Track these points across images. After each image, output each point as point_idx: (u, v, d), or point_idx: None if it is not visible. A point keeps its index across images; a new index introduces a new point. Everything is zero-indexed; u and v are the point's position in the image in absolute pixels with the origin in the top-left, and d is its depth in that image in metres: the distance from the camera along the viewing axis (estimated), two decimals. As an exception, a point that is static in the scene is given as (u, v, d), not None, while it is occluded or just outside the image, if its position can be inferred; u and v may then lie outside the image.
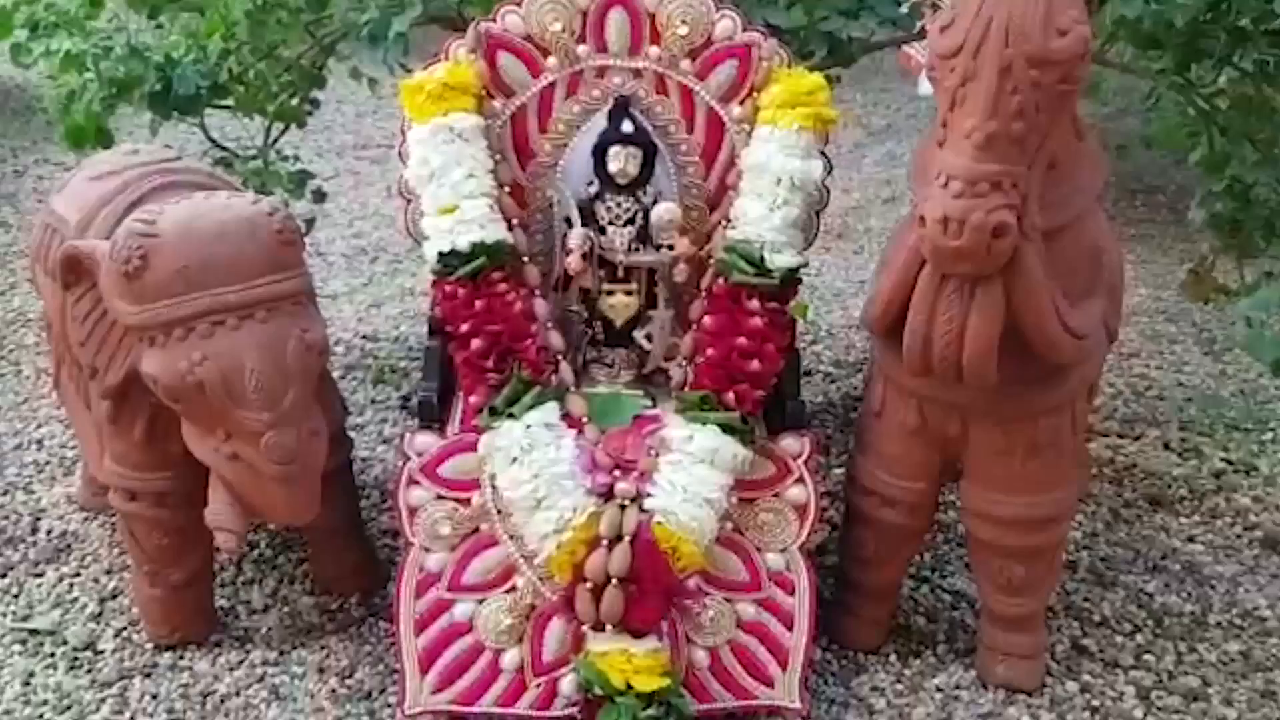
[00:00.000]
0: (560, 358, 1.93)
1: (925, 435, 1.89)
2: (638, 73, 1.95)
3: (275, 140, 2.70)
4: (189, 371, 1.68)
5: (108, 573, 2.25)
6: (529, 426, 1.81)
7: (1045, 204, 1.63)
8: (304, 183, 2.54)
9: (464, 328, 1.85)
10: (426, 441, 1.90)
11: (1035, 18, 1.52)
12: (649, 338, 2.00)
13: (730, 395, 1.84)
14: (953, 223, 1.54)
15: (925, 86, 4.71)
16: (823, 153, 1.91)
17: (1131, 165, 4.36)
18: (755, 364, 1.84)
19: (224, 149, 2.69)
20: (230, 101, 2.48)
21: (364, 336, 3.21)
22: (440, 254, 1.87)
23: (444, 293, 1.88)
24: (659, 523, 1.77)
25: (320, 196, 2.60)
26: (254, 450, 1.72)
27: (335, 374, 2.97)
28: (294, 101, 2.62)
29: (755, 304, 1.85)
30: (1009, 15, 1.52)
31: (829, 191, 1.99)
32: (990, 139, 1.53)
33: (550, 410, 1.84)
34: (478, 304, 1.84)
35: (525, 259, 1.93)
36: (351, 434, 2.71)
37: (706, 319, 1.89)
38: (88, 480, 2.36)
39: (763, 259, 1.86)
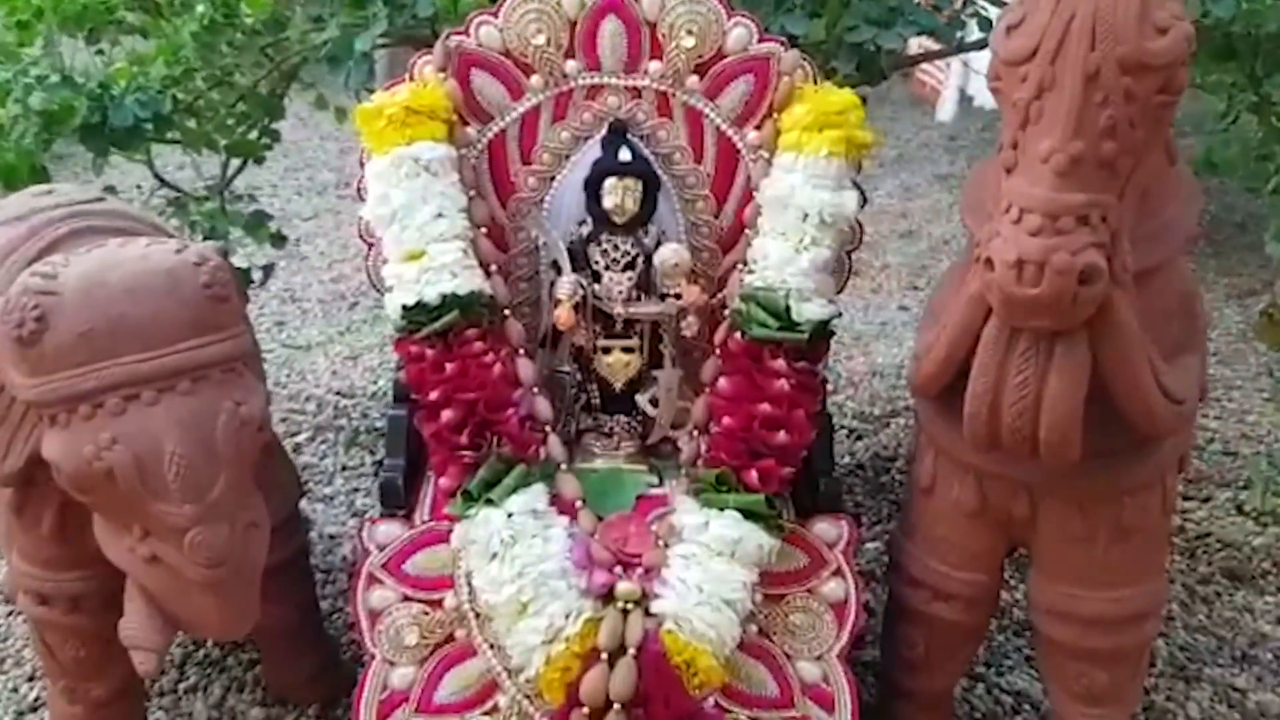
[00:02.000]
0: (548, 429, 1.63)
1: (986, 518, 1.59)
2: (636, 92, 1.66)
3: (232, 178, 2.41)
4: (96, 456, 1.38)
5: (30, 680, 1.94)
6: (511, 515, 1.50)
7: (1134, 241, 1.33)
8: (262, 225, 2.24)
9: (433, 396, 1.54)
10: (390, 532, 1.60)
11: (1128, 13, 1.23)
12: (653, 402, 1.70)
13: (752, 473, 1.53)
14: (1030, 266, 1.24)
15: (944, 113, 4.45)
16: (855, 183, 1.62)
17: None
18: (781, 435, 1.53)
19: (174, 188, 2.40)
20: (176, 135, 2.18)
21: (338, 393, 2.91)
22: (404, 308, 1.57)
23: (409, 354, 1.57)
24: (670, 631, 1.46)
25: (279, 240, 2.30)
26: (176, 551, 1.41)
27: (303, 436, 2.69)
28: (251, 134, 2.32)
29: (780, 363, 1.54)
30: (1095, 10, 1.23)
31: (862, 228, 1.69)
32: (1075, 163, 1.23)
33: (537, 494, 1.53)
34: (449, 367, 1.54)
35: (506, 312, 1.63)
36: (319, 506, 2.43)
37: (722, 381, 1.59)
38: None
39: (788, 309, 1.55)
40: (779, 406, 1.54)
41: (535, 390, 1.62)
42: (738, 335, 1.59)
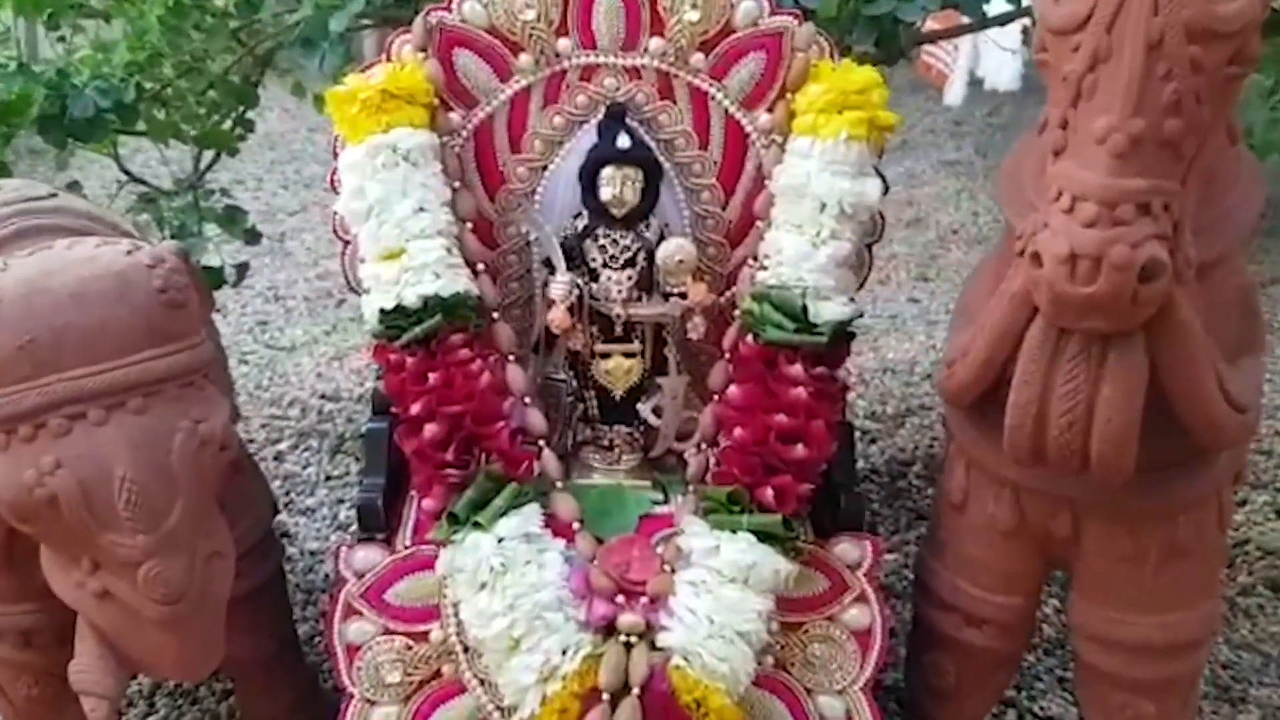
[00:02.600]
0: (542, 443, 1.48)
1: (1024, 536, 1.45)
2: (635, 73, 1.51)
3: (205, 171, 2.26)
4: (38, 482, 1.23)
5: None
6: (502, 540, 1.36)
7: (1194, 231, 1.19)
8: (236, 219, 2.10)
9: (415, 408, 1.40)
10: (369, 558, 1.46)
11: (1194, -27, 1.08)
12: (657, 412, 1.55)
13: (767, 491, 1.39)
14: (1084, 261, 1.10)
15: (952, 96, 4.31)
16: (877, 169, 1.47)
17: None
18: (799, 449, 1.39)
19: (143, 183, 2.26)
20: (142, 126, 2.03)
21: (323, 396, 2.76)
22: (383, 312, 1.42)
23: (388, 362, 1.43)
24: (678, 667, 1.32)
25: (254, 236, 2.16)
26: (130, 586, 1.27)
27: (285, 443, 2.54)
28: (225, 125, 2.18)
29: (796, 369, 1.40)
30: (1157, -31, 1.08)
31: (883, 219, 1.55)
32: (1134, 143, 1.09)
33: (530, 515, 1.39)
34: (432, 377, 1.40)
35: (494, 315, 1.49)
36: (300, 520, 2.29)
37: (733, 389, 1.44)
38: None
39: (805, 309, 1.41)
40: (796, 417, 1.39)
41: (527, 401, 1.48)
42: (749, 338, 1.44)
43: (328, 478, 2.42)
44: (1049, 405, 1.22)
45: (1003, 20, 1.91)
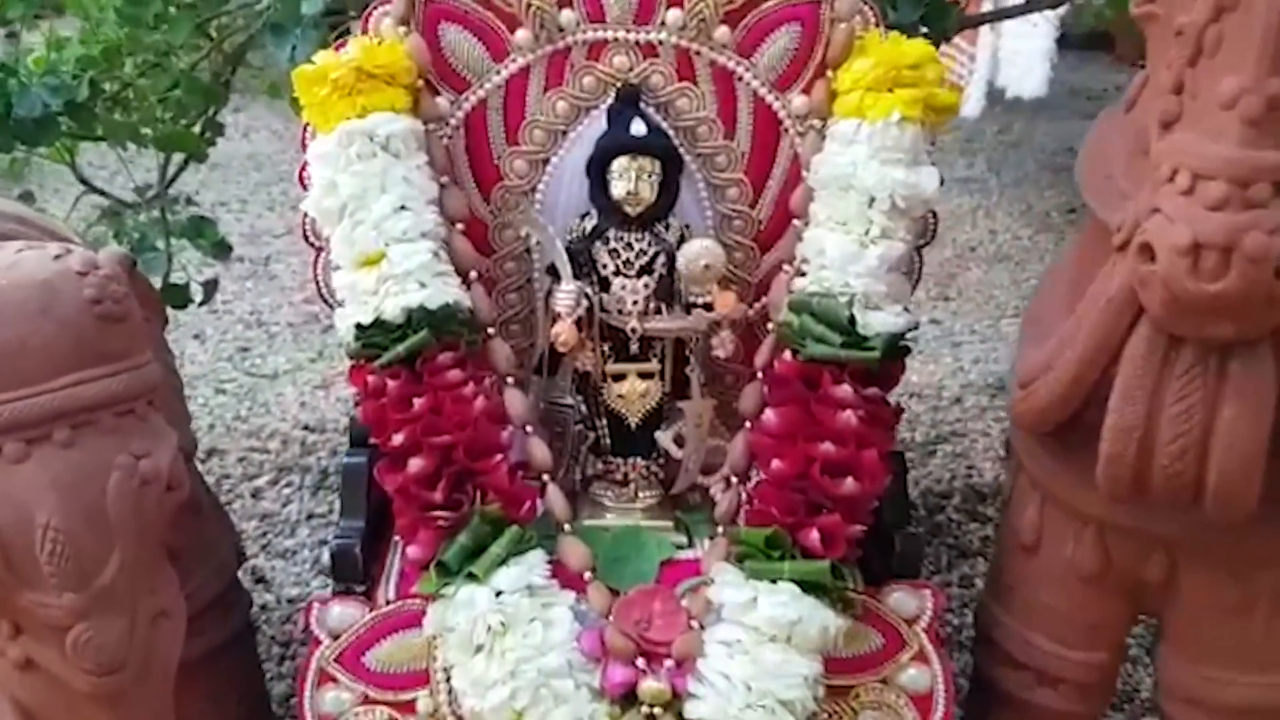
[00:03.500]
0: (546, 478, 1.28)
1: (1108, 582, 1.24)
2: (651, 49, 1.31)
3: (173, 179, 2.06)
4: (-58, 532, 1.04)
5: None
6: (500, 593, 1.16)
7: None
8: (202, 231, 1.90)
9: (397, 439, 1.19)
10: (346, 615, 1.25)
11: (1340, -101, 0.89)
12: (679, 441, 1.35)
13: (812, 533, 1.18)
14: (1210, 252, 0.90)
15: (969, 108, 4.12)
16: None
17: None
18: (849, 483, 1.18)
19: (103, 194, 2.06)
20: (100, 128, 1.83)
21: (306, 427, 2.55)
22: (359, 327, 1.22)
23: (366, 386, 1.22)
24: (710, 743, 1.11)
25: (223, 250, 1.95)
26: (57, 654, 1.06)
27: (264, 478, 2.33)
28: (195, 128, 1.98)
29: (844, 390, 1.20)
30: (1297, -106, 0.89)
31: (936, 218, 1.35)
32: (1273, 108, 0.89)
33: (533, 564, 1.19)
34: (417, 402, 1.19)
35: (490, 330, 1.29)
36: (277, 563, 2.08)
37: (768, 414, 1.24)
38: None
39: (852, 320, 1.21)
40: (845, 446, 1.19)
41: (528, 429, 1.27)
42: (787, 355, 1.24)
43: (309, 516, 2.21)
44: (1156, 429, 1.02)
45: (1055, 3, 1.72)
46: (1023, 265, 3.56)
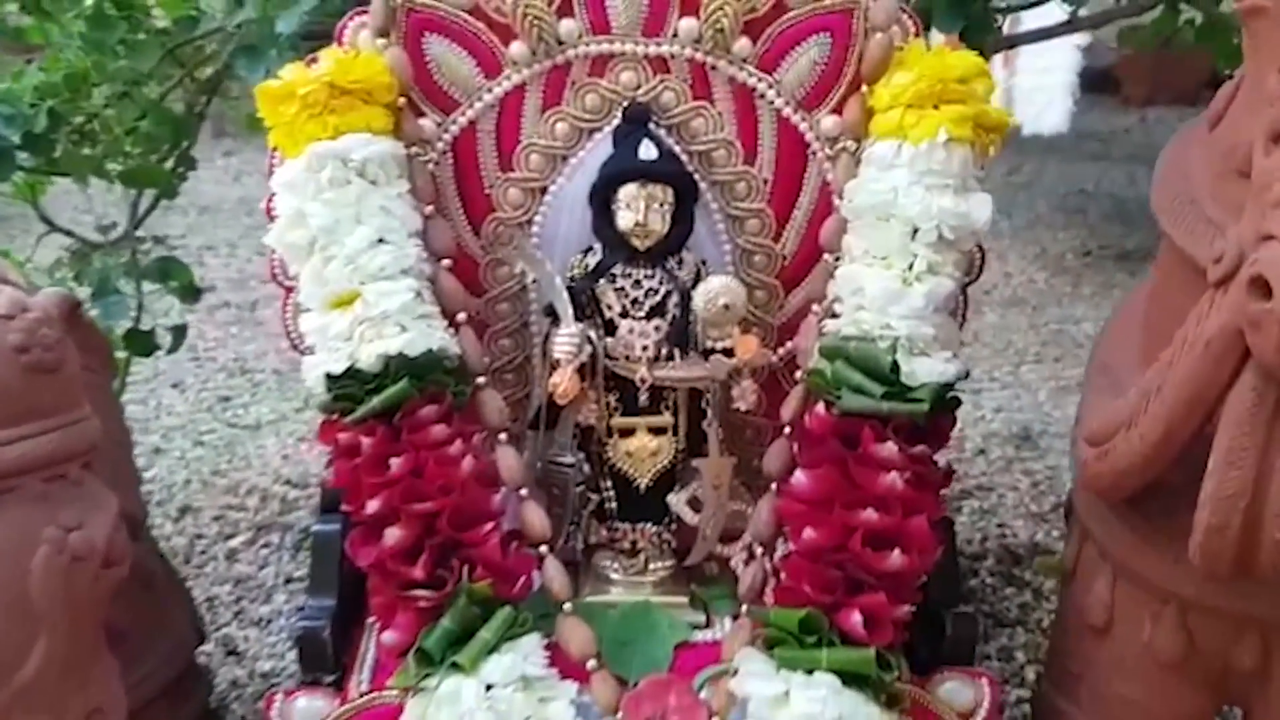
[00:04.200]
0: (544, 549, 1.12)
1: (1192, 669, 1.08)
2: (662, 64, 1.17)
3: (143, 218, 1.91)
4: None
5: None
6: (490, 686, 0.99)
7: None
8: (169, 274, 1.74)
9: (372, 506, 1.03)
10: (313, 709, 1.08)
11: None
12: (694, 505, 1.19)
13: (853, 615, 1.02)
14: (1344, 287, 0.75)
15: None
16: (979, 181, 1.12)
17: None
18: (895, 556, 1.02)
19: (69, 234, 1.91)
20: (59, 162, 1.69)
21: (288, 482, 2.39)
22: (330, 377, 1.07)
23: (338, 445, 1.07)
24: None
25: (192, 293, 1.80)
26: (-33, 762, 0.91)
27: (240, 538, 2.17)
28: (160, 161, 1.83)
29: (889, 448, 1.04)
30: None
31: (984, 253, 1.20)
32: None
33: (528, 650, 1.03)
34: (395, 463, 1.04)
35: (480, 380, 1.13)
36: (251, 633, 1.91)
37: (799, 476, 1.08)
38: None
39: (895, 368, 1.05)
40: (889, 513, 1.03)
41: (523, 493, 1.11)
42: (820, 407, 1.09)
43: (287, 580, 2.04)
44: (1266, 497, 0.86)
45: (1097, 23, 1.58)
46: (1040, 309, 3.43)
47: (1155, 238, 1.05)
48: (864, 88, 1.14)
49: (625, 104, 1.17)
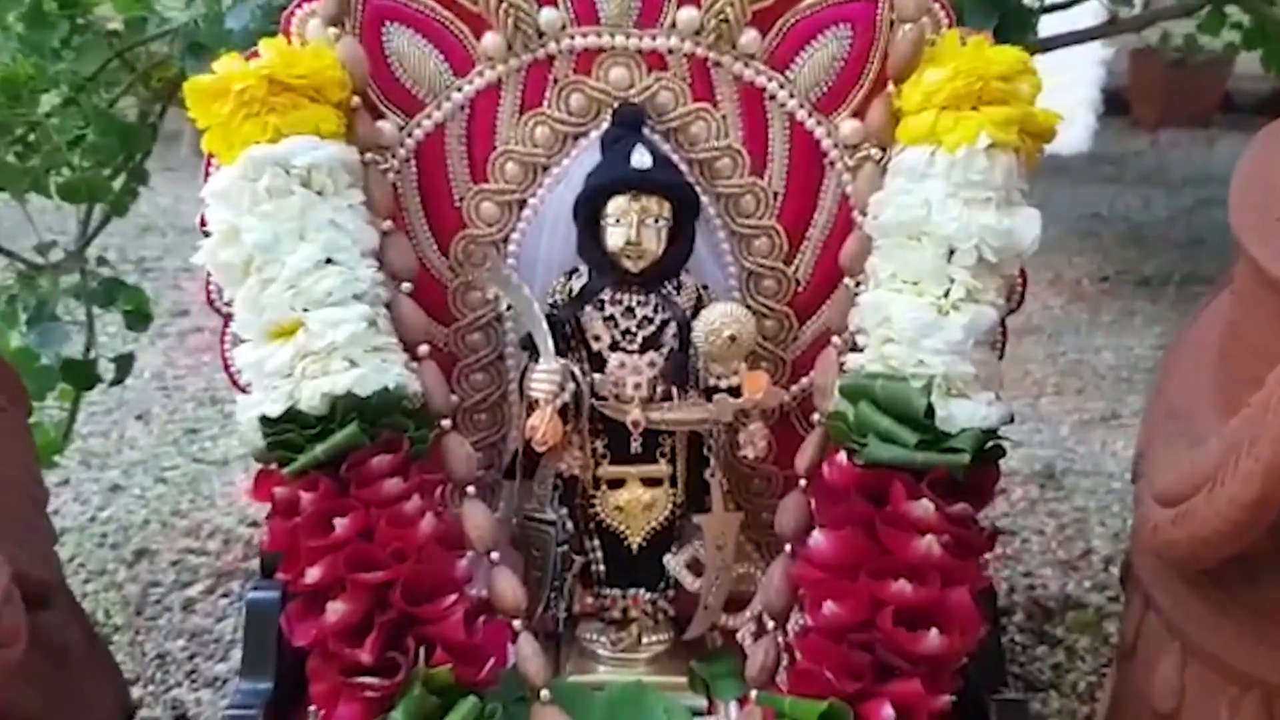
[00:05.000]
0: (518, 623, 0.95)
1: (1280, 766, 0.92)
2: (658, 59, 1.02)
3: (91, 237, 1.76)
4: None
5: None
6: (450, 794, 0.83)
7: None
8: (113, 297, 1.59)
9: (313, 575, 0.87)
10: (242, 815, 0.92)
11: None
12: (695, 567, 1.03)
13: (884, 709, 0.85)
14: None
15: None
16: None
17: None
18: (933, 636, 0.86)
19: (10, 255, 1.75)
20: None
21: (254, 524, 2.21)
22: (266, 420, 0.91)
23: (274, 501, 0.91)
24: None
25: (140, 319, 1.64)
26: None
27: (198, 587, 2.01)
28: (117, 179, 1.68)
29: (924, 507, 0.88)
30: None
31: (1025, 279, 1.05)
32: None
33: (497, 747, 0.86)
34: (341, 524, 0.88)
35: (445, 424, 0.97)
36: (203, 694, 1.74)
37: (817, 538, 0.92)
38: None
39: (930, 411, 0.90)
40: (926, 584, 0.87)
41: (493, 557, 0.95)
42: (841, 457, 0.93)
43: (250, 634, 1.87)
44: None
45: (1141, 24, 1.44)
46: (1056, 338, 3.28)
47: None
48: (890, 87, 0.98)
49: (615, 105, 1.01)
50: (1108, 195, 4.49)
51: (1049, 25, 1.45)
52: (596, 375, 1.00)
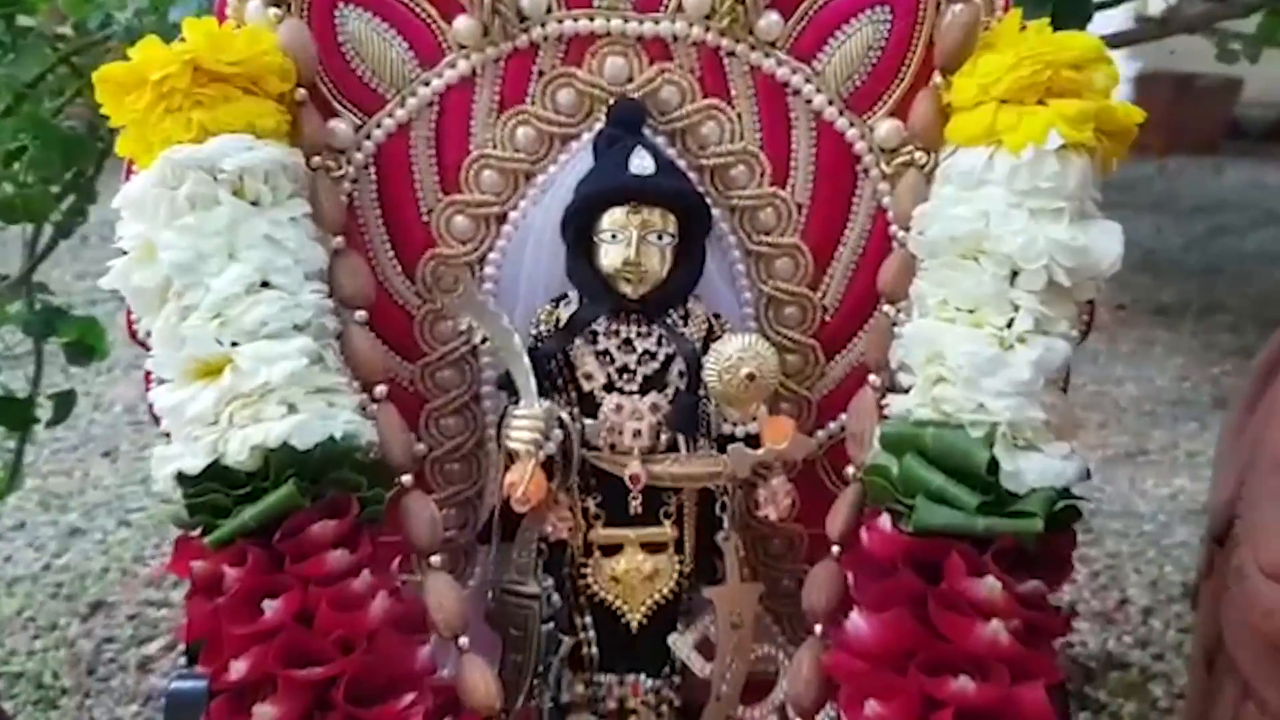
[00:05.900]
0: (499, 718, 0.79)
1: None
2: (662, 48, 0.86)
3: (36, 263, 1.60)
4: None
5: None
6: None
7: None
8: (52, 328, 1.43)
9: (239, 668, 0.71)
10: None
11: None
12: (705, 649, 0.86)
13: (942, 832, 0.69)
14: None
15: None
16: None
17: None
18: (998, 742, 0.70)
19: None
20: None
21: (222, 571, 2.07)
22: (184, 478, 0.75)
23: (196, 576, 0.75)
24: None
25: (84, 353, 1.48)
26: None
27: (158, 643, 1.88)
28: (66, 199, 1.53)
29: (989, 585, 0.72)
30: None
31: (1093, 303, 0.90)
32: None
33: None
34: (272, 606, 0.72)
35: (406, 479, 0.81)
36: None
37: (857, 621, 0.76)
38: None
39: (994, 466, 0.74)
40: (992, 680, 0.71)
41: (464, 643, 0.79)
42: (884, 521, 0.77)
43: (207, 696, 1.71)
44: None
45: (1194, 25, 1.29)
46: (1074, 368, 3.13)
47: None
48: (937, 79, 0.83)
49: (611, 102, 0.86)
50: (1118, 222, 4.39)
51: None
52: (588, 421, 0.84)
